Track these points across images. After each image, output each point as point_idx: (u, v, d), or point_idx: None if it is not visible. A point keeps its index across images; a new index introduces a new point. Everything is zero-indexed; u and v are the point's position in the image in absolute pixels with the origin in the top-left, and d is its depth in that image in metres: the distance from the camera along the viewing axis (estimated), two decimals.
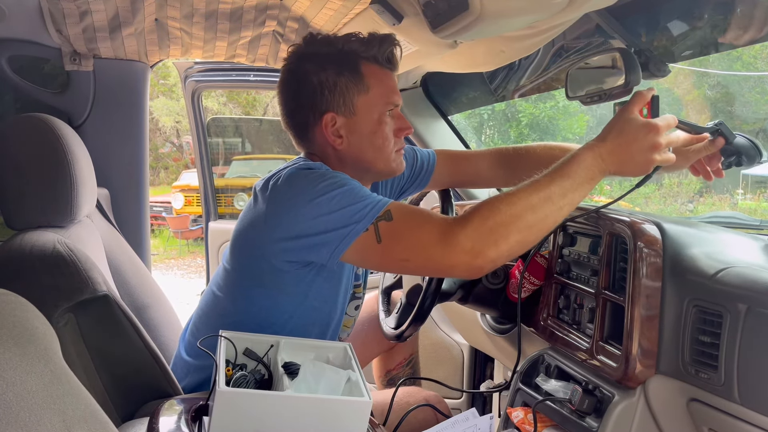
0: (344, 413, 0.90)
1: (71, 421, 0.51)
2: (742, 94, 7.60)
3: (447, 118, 2.12)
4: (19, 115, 1.27)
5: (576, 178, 1.03)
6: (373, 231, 1.06)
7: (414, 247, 1.05)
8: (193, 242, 10.23)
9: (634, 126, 1.04)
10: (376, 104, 1.23)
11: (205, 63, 2.33)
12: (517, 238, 1.01)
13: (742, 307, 0.85)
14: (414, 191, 1.56)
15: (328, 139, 1.24)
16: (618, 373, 1.01)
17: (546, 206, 1.02)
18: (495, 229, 1.00)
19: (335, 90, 1.21)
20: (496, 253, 1.01)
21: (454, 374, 2.09)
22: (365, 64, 1.23)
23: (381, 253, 1.07)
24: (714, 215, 1.37)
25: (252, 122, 11.75)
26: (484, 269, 1.04)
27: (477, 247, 1.00)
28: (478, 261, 1.01)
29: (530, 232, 1.03)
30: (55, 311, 1.06)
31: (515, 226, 1.01)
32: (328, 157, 1.27)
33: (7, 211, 1.23)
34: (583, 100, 1.30)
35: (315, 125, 1.24)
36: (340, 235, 1.07)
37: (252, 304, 1.22)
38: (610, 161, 1.05)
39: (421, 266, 1.09)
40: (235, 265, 1.24)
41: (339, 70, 1.21)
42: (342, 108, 1.22)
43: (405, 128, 1.28)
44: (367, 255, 1.09)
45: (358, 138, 1.24)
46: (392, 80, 1.27)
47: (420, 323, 1.35)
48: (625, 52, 1.16)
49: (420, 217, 1.07)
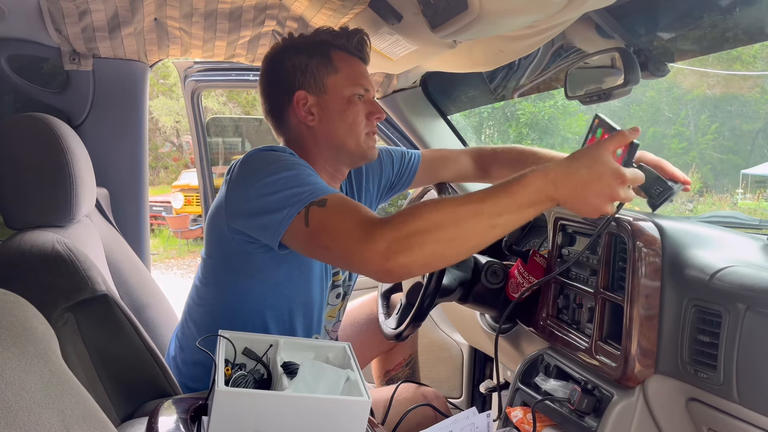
0: (343, 413, 0.90)
1: (70, 420, 0.51)
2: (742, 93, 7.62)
3: (446, 117, 2.12)
4: (18, 115, 1.26)
5: (517, 198, 0.96)
6: (304, 215, 1.04)
7: (335, 237, 1.02)
8: (193, 242, 10.23)
9: (604, 167, 0.96)
10: (345, 85, 1.29)
11: (205, 63, 2.33)
12: (433, 248, 0.95)
13: (741, 307, 0.85)
14: (401, 188, 1.61)
15: (300, 116, 1.30)
16: (617, 373, 1.01)
17: (473, 221, 0.95)
18: (412, 235, 0.95)
19: (306, 71, 1.29)
20: (408, 260, 0.95)
21: (453, 374, 2.09)
22: (335, 52, 1.31)
23: (307, 238, 1.05)
24: (713, 215, 1.37)
25: (252, 122, 11.74)
26: (394, 274, 0.98)
27: (390, 250, 0.95)
28: (389, 264, 0.95)
29: (450, 245, 0.96)
30: (54, 311, 1.06)
31: (433, 236, 0.95)
32: (303, 138, 1.32)
33: (6, 210, 1.23)
34: (582, 100, 1.30)
35: (288, 105, 1.31)
36: (279, 218, 1.07)
37: (226, 290, 1.27)
38: (564, 192, 0.96)
39: (338, 257, 1.06)
40: (209, 252, 1.29)
41: (310, 54, 1.30)
42: (313, 87, 1.29)
43: (377, 112, 1.33)
44: (297, 239, 1.07)
45: (329, 115, 1.29)
46: (361, 67, 1.34)
47: (419, 323, 1.35)
48: (624, 52, 1.16)
49: (350, 209, 1.04)
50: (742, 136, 9.65)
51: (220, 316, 1.27)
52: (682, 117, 9.84)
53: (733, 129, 9.63)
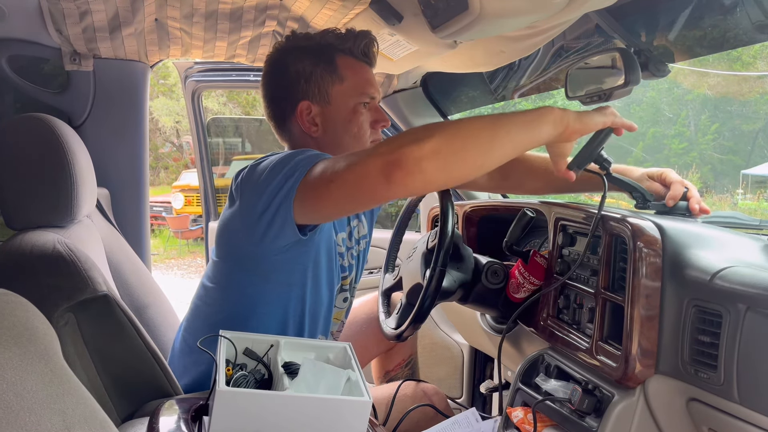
0: (344, 413, 0.90)
1: (71, 420, 0.51)
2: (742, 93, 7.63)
3: (447, 117, 2.12)
4: (19, 115, 1.27)
5: (525, 117, 1.00)
6: (308, 172, 1.05)
7: (336, 168, 1.01)
8: (193, 242, 10.23)
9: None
10: (350, 95, 1.27)
11: (205, 63, 2.33)
12: (444, 137, 0.94)
13: (741, 307, 0.85)
14: None
15: (304, 127, 1.28)
16: (618, 373, 1.01)
17: (479, 130, 0.97)
18: (418, 133, 0.95)
19: (311, 79, 1.26)
20: (418, 153, 0.92)
21: (453, 374, 2.10)
22: (341, 57, 1.28)
23: (312, 185, 1.04)
24: (714, 215, 1.37)
25: (252, 122, 11.75)
26: (403, 165, 0.93)
27: (393, 146, 0.94)
28: (394, 156, 0.93)
29: (456, 142, 0.95)
30: (55, 311, 1.06)
31: (429, 134, 0.94)
32: (307, 147, 1.28)
33: (7, 211, 1.23)
34: (582, 100, 1.30)
35: (291, 115, 1.28)
36: (286, 191, 1.06)
37: (238, 292, 1.25)
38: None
39: (341, 185, 1.01)
40: (221, 254, 1.26)
41: (315, 61, 1.26)
42: (317, 96, 1.26)
43: (381, 120, 1.31)
44: (305, 196, 1.06)
45: (333, 126, 1.27)
46: (368, 73, 1.31)
47: (420, 323, 1.35)
48: (624, 52, 1.16)
49: (348, 151, 1.05)
50: (743, 137, 9.65)
51: (230, 317, 1.24)
52: (683, 117, 9.84)
53: (733, 129, 9.63)
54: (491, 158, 0.99)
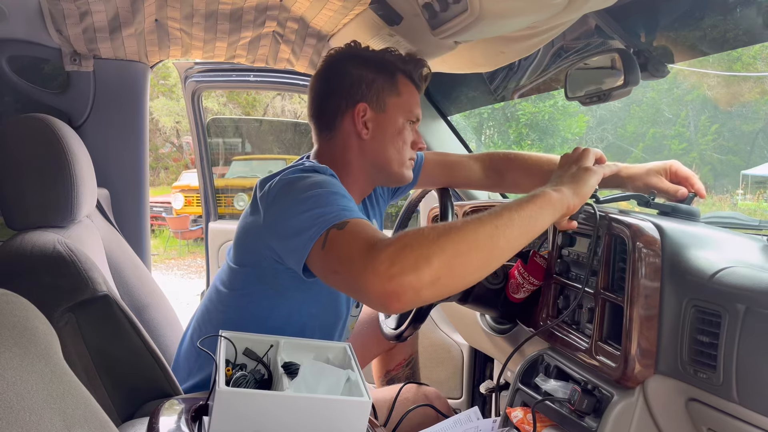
0: (344, 413, 0.91)
1: (71, 420, 0.51)
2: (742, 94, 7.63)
3: (447, 118, 2.12)
4: (19, 116, 1.27)
5: (530, 207, 0.98)
6: (324, 237, 0.99)
7: (342, 259, 0.95)
8: (193, 242, 10.23)
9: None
10: (403, 109, 1.32)
11: (205, 63, 2.33)
12: (441, 263, 0.88)
13: (740, 308, 0.85)
14: (405, 189, 1.61)
15: (357, 127, 1.30)
16: (617, 373, 1.01)
17: (486, 233, 0.93)
18: (417, 247, 0.88)
19: (372, 85, 1.30)
20: (413, 279, 0.87)
21: (453, 374, 2.10)
22: (401, 75, 1.33)
23: (322, 260, 1.00)
24: (713, 215, 1.37)
25: (252, 122, 11.76)
26: (400, 297, 0.88)
27: (393, 267, 0.87)
28: (392, 285, 0.87)
29: (462, 259, 0.90)
30: (55, 311, 1.06)
31: (440, 247, 0.89)
32: (349, 147, 1.31)
33: (7, 211, 1.23)
34: (582, 101, 1.30)
35: (346, 112, 1.30)
36: (303, 240, 1.02)
37: (253, 302, 1.24)
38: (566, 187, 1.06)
39: (343, 282, 0.98)
40: (238, 262, 1.25)
41: (378, 70, 1.31)
42: (375, 103, 1.30)
43: (420, 143, 1.36)
44: (315, 262, 1.02)
45: (382, 134, 1.31)
46: (418, 97, 1.37)
47: (419, 323, 1.35)
48: (624, 53, 1.16)
49: (362, 231, 0.97)
50: (742, 137, 9.66)
51: (243, 324, 1.22)
52: (683, 117, 9.85)
53: (733, 130, 9.64)
54: (493, 267, 0.97)
